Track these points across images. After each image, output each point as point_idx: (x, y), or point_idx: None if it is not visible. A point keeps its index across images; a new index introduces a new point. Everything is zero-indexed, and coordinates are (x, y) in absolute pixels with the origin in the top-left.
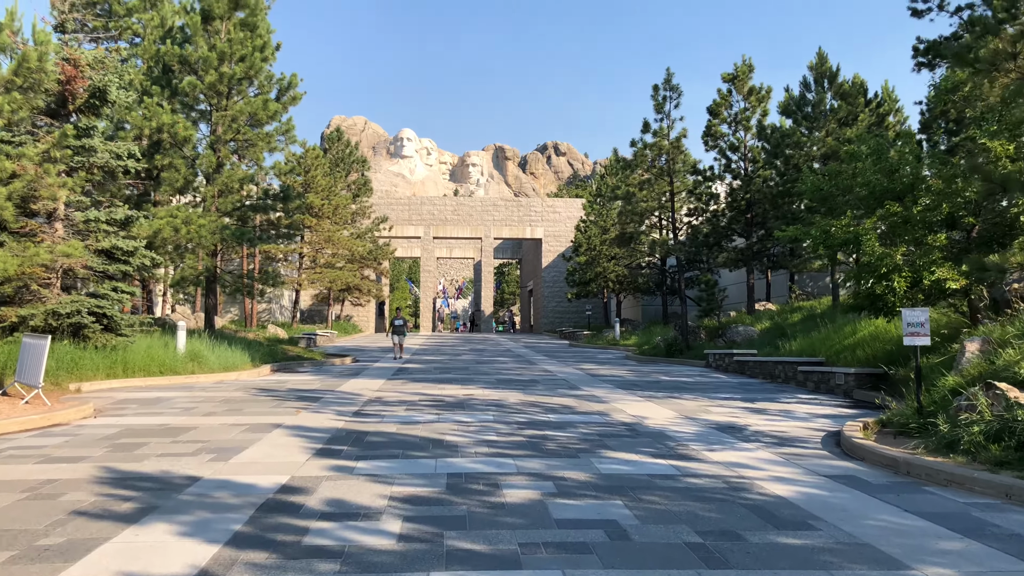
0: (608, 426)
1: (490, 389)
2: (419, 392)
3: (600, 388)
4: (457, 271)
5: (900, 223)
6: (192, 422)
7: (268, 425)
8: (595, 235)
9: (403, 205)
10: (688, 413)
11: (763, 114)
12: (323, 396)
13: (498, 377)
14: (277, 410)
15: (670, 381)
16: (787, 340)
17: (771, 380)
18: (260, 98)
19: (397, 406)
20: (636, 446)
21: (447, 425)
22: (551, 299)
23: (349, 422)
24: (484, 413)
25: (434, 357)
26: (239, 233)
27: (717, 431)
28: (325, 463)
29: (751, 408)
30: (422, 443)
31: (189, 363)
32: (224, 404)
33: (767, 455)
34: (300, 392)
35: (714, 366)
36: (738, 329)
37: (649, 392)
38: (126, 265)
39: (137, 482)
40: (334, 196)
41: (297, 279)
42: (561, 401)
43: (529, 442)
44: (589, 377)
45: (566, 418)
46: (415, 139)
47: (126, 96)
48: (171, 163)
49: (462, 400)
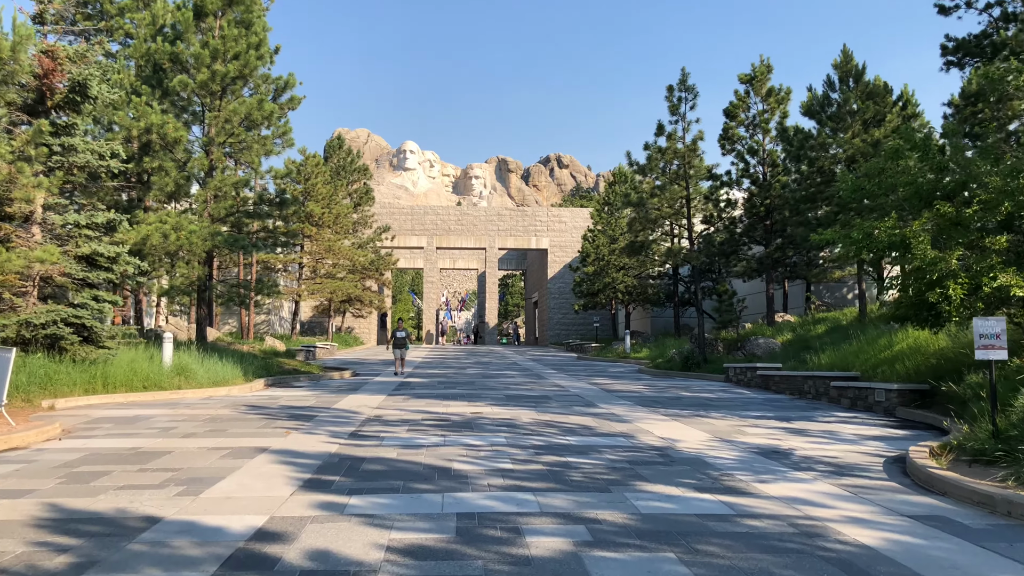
0: (636, 451)
1: (499, 406)
2: (422, 410)
3: (619, 405)
4: (460, 283)
5: (950, 224)
6: (168, 445)
7: (252, 449)
8: (603, 244)
9: (406, 215)
10: (722, 435)
11: (783, 116)
12: (317, 414)
13: (507, 393)
14: (265, 431)
15: (692, 397)
16: (813, 353)
17: (800, 396)
18: (255, 98)
19: (398, 426)
20: (674, 476)
21: (454, 450)
22: (557, 311)
23: (344, 445)
24: (495, 435)
25: (438, 371)
26: (232, 240)
27: (761, 457)
28: (312, 499)
29: (789, 429)
30: (426, 472)
31: (175, 378)
32: (208, 424)
33: (829, 488)
34: (293, 410)
35: (735, 381)
36: (758, 341)
37: (672, 410)
38: (108, 272)
39: (83, 525)
40: (335, 205)
41: (296, 290)
42: (579, 421)
43: (550, 471)
44: (604, 393)
45: (588, 441)
46: (418, 151)
47: (109, 92)
48: (161, 166)
49: (470, 419)
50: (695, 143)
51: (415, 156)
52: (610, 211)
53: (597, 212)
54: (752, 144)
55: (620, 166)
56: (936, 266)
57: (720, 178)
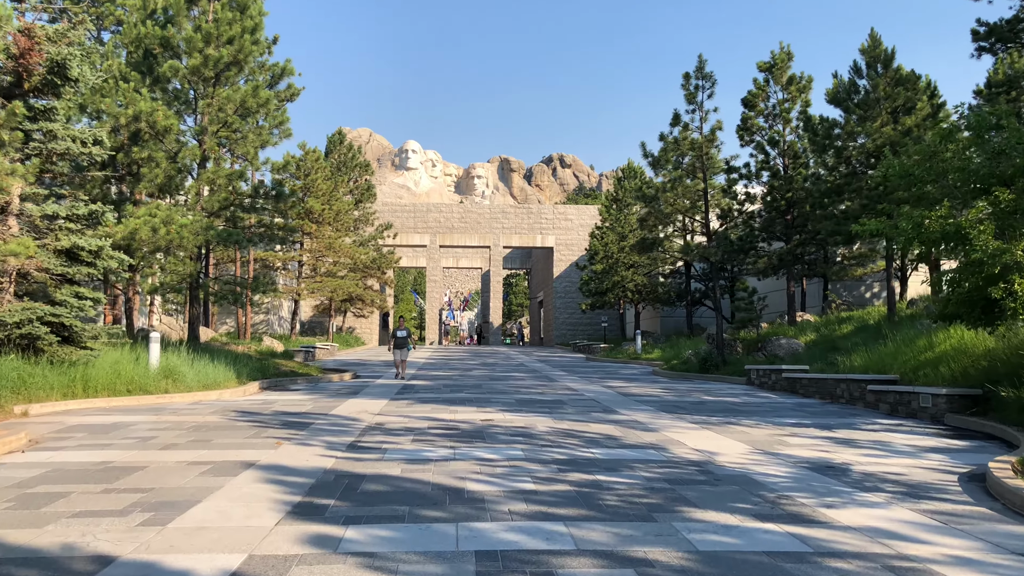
0: (673, 465)
1: (512, 413)
2: (428, 416)
3: (641, 411)
4: (462, 283)
5: (1009, 213)
6: (143, 459)
7: (237, 464)
8: (612, 242)
9: (408, 212)
10: (761, 446)
11: (804, 105)
12: (314, 422)
13: (518, 397)
14: (254, 441)
15: (716, 402)
16: (841, 355)
17: (831, 400)
18: (250, 84)
19: (402, 436)
20: (724, 499)
21: (466, 465)
22: (563, 310)
23: (341, 459)
24: (511, 446)
25: (442, 372)
26: (226, 235)
27: (816, 473)
28: (301, 530)
29: (834, 439)
30: (435, 494)
31: (162, 381)
32: (192, 432)
33: (910, 515)
34: (287, 416)
35: (757, 383)
36: (780, 342)
37: (699, 416)
38: (91, 268)
39: (16, 569)
40: (336, 201)
41: (296, 289)
42: (601, 429)
43: (579, 493)
44: (622, 397)
45: (615, 454)
46: (420, 151)
47: (92, 74)
48: (150, 156)
49: (480, 428)
50: (713, 133)
51: (417, 156)
52: (619, 208)
53: (606, 209)
54: (773, 135)
55: (630, 161)
56: (999, 258)
57: (738, 171)
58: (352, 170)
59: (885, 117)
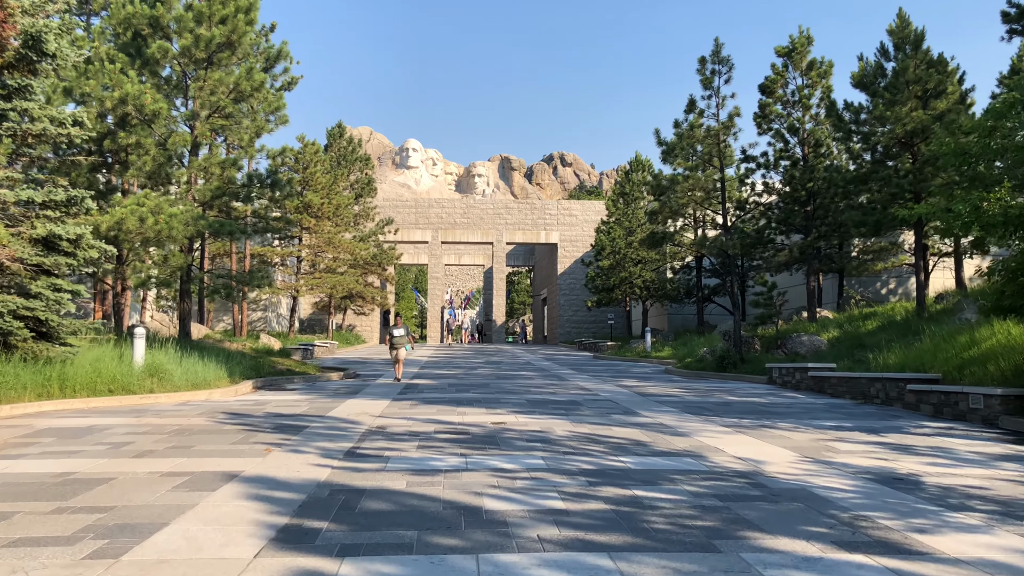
0: (718, 477)
1: (524, 415)
2: (434, 419)
3: (664, 413)
4: (463, 282)
5: None
6: (111, 469)
7: (218, 476)
8: (619, 237)
9: (409, 208)
10: (809, 453)
11: (825, 91)
12: (309, 425)
13: (528, 397)
14: (240, 447)
15: (742, 403)
16: (868, 351)
17: (865, 401)
18: (244, 67)
19: (406, 441)
20: (792, 520)
21: (481, 477)
22: (567, 308)
23: (337, 470)
24: (529, 454)
25: (446, 371)
26: (218, 226)
27: (884, 487)
28: (285, 563)
29: (886, 444)
30: (448, 514)
31: (147, 380)
32: (173, 437)
33: (1021, 541)
34: (280, 418)
35: (780, 383)
36: (801, 339)
37: (729, 419)
38: (69, 258)
39: None
40: (335, 195)
41: (294, 285)
42: (626, 434)
43: (618, 513)
44: (639, 397)
45: (649, 463)
46: (421, 150)
47: (72, 51)
48: (139, 143)
49: (492, 432)
50: (731, 120)
51: (418, 154)
52: (626, 202)
53: (612, 203)
54: (792, 122)
55: (637, 153)
56: None
57: (755, 159)
58: (352, 164)
59: (914, 102)
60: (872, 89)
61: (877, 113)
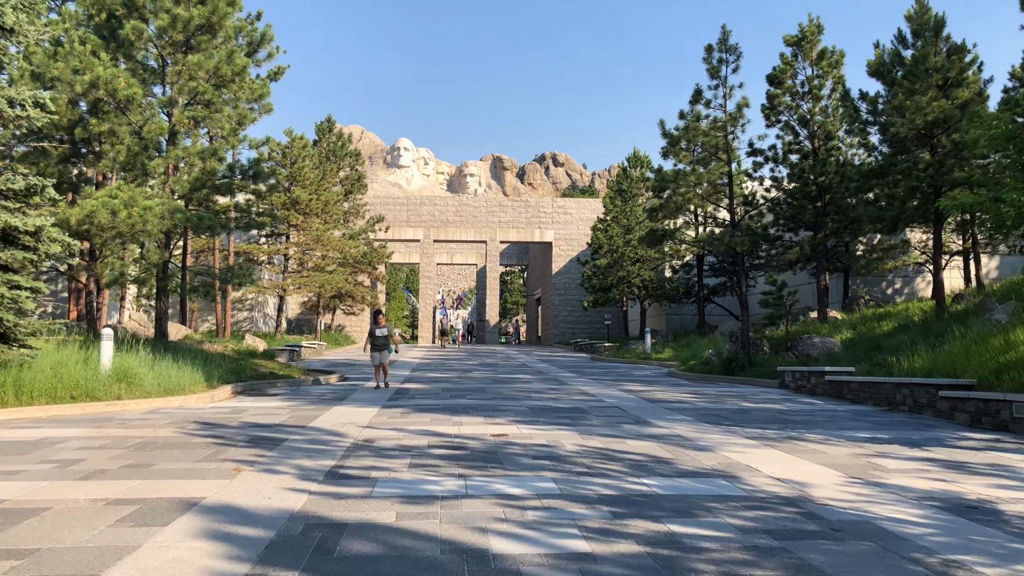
0: (762, 505)
1: (527, 425)
2: (427, 430)
3: (679, 422)
4: (455, 282)
5: None
6: (49, 496)
7: (174, 505)
8: (617, 235)
9: (401, 205)
10: (854, 471)
11: (836, 81)
12: (288, 437)
13: (530, 404)
14: (206, 466)
15: (759, 410)
16: (887, 354)
17: (890, 408)
18: (224, 50)
19: (396, 458)
20: (871, 569)
21: (484, 506)
22: (562, 308)
23: (315, 496)
24: (538, 475)
25: (440, 374)
26: (197, 219)
27: (959, 517)
28: None
29: (936, 460)
30: (447, 561)
31: (115, 385)
32: (133, 453)
33: None
34: (257, 429)
35: (793, 387)
36: (812, 341)
37: (752, 429)
38: (30, 252)
39: None
40: (324, 191)
41: (281, 284)
42: (643, 448)
43: (655, 558)
44: (649, 404)
45: (678, 487)
46: (412, 149)
47: (32, 25)
48: (111, 130)
49: (493, 446)
50: (739, 110)
51: (409, 153)
52: (624, 199)
53: (610, 200)
54: (803, 114)
55: (635, 149)
56: None
57: (763, 153)
58: (342, 159)
59: (934, 92)
60: (889, 78)
61: (897, 103)
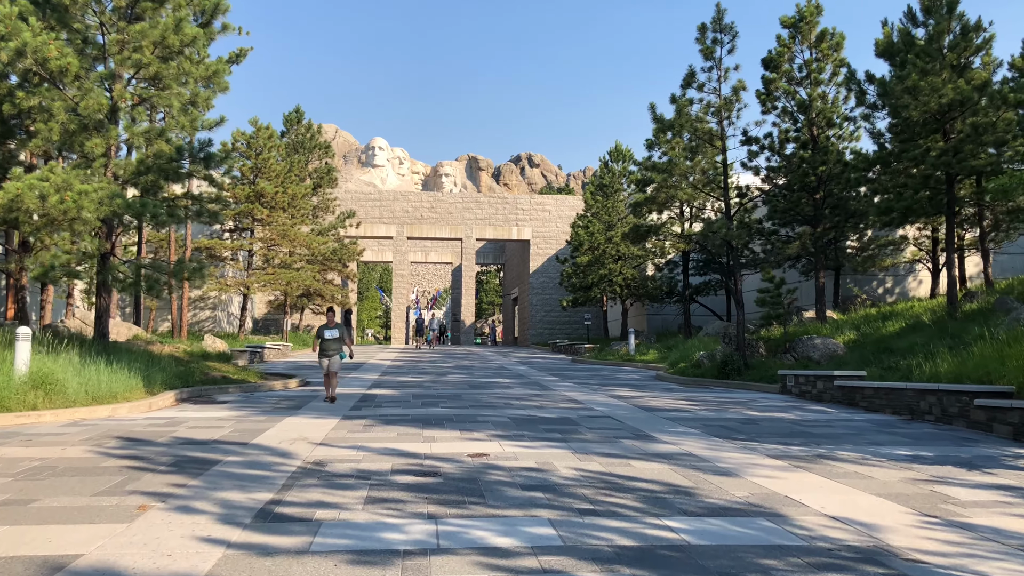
0: (835, 565)
1: (511, 441)
2: (393, 448)
3: (686, 437)
4: (431, 282)
5: None
6: None
7: (31, 569)
8: (598, 231)
9: (373, 201)
10: (922, 505)
11: (837, 65)
12: (222, 459)
13: (512, 413)
14: (106, 501)
15: (768, 420)
16: (901, 357)
17: (912, 417)
18: (171, 17)
19: (351, 488)
20: None
21: (461, 565)
22: (540, 308)
23: (232, 553)
24: (529, 513)
25: (411, 378)
26: (139, 206)
27: None
28: None
29: (1010, 488)
30: None
31: (31, 393)
32: (20, 482)
33: None
34: (188, 447)
35: (797, 392)
36: (813, 342)
37: (770, 444)
38: None
39: None
40: (291, 184)
41: (245, 281)
42: (653, 472)
43: None
44: (644, 413)
45: (713, 532)
46: (387, 148)
47: None
48: (42, 106)
49: (472, 471)
50: (735, 93)
51: (384, 153)
52: (605, 195)
53: (591, 195)
54: (801, 99)
55: (617, 143)
56: None
57: (758, 141)
58: (311, 151)
59: (948, 73)
60: (900, 58)
61: (911, 83)
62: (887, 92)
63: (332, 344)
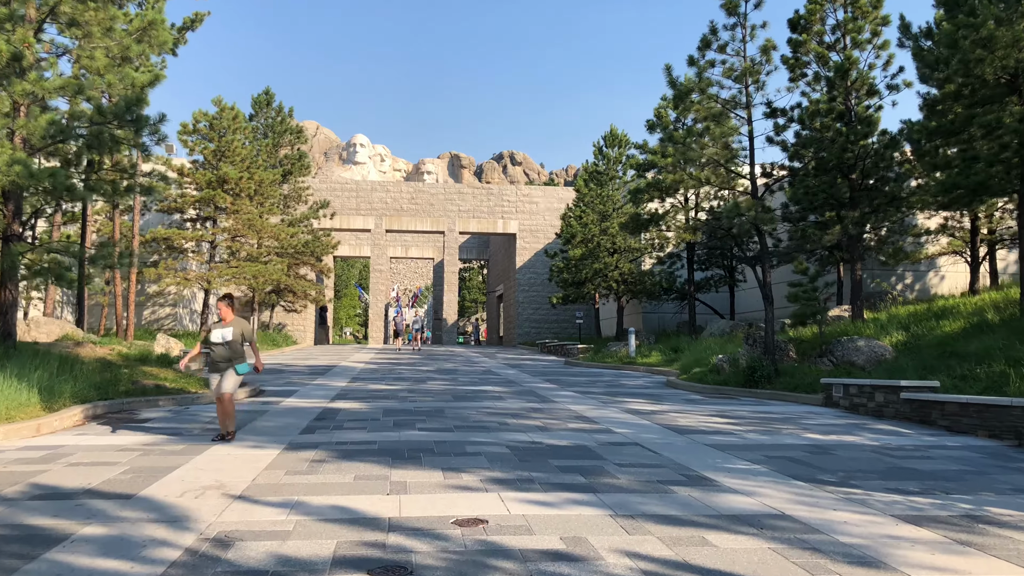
0: None
1: (515, 490)
2: (343, 507)
3: (756, 479)
4: (411, 280)
5: None
6: None
7: None
8: (592, 222)
9: (350, 192)
10: None
11: (876, 25)
12: (74, 531)
13: (510, 439)
14: None
15: (841, 447)
16: (976, 365)
17: (1021, 443)
18: None
19: None
20: None
21: None
22: (527, 305)
23: None
24: None
25: (385, 385)
26: (47, 175)
27: None
28: None
29: None
30: None
31: None
32: None
33: None
34: (33, 508)
35: (847, 406)
36: (856, 344)
37: (885, 495)
38: None
39: None
40: (257, 170)
41: (206, 275)
42: (749, 559)
43: None
44: (679, 437)
45: None
46: (368, 145)
47: None
48: None
49: (462, 561)
50: (766, 54)
51: (365, 150)
52: (599, 183)
53: (584, 183)
54: (837, 64)
55: (612, 127)
56: None
57: (785, 113)
58: (281, 136)
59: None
60: (968, 6)
61: (986, 32)
62: (955, 44)
63: (222, 351)
